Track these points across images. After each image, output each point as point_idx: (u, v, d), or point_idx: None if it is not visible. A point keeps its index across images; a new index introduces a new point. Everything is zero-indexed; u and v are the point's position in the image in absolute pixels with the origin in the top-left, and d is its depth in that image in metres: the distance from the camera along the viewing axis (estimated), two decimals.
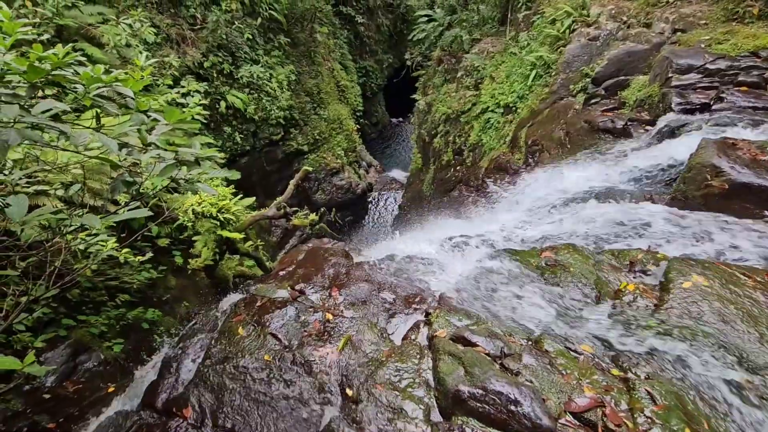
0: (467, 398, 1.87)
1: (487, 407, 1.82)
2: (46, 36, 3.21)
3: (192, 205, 8.17)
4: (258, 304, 2.74)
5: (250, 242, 9.14)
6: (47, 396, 4.20)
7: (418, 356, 2.24)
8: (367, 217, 16.03)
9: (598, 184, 5.14)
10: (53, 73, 2.39)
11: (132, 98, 3.16)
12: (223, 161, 10.30)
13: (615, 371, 2.03)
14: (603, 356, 2.13)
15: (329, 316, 2.58)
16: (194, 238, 8.23)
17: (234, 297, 3.25)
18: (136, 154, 3.24)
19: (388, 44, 21.53)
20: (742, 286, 2.26)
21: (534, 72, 7.68)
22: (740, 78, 4.90)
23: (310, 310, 2.64)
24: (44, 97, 2.39)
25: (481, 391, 1.86)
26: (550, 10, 7.60)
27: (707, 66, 5.13)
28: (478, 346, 2.16)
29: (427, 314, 2.55)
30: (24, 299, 3.34)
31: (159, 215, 7.07)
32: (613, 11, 6.77)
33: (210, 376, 2.31)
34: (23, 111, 2.26)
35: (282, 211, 8.95)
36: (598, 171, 5.39)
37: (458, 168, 9.91)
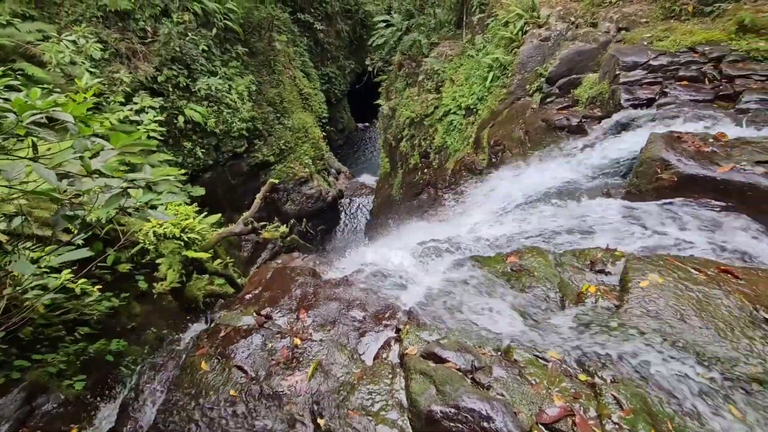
0: (440, 418, 1.84)
1: (460, 426, 1.80)
2: None
3: (153, 227, 7.80)
4: (222, 334, 2.61)
5: (218, 260, 8.84)
6: None
7: (390, 376, 2.20)
8: (339, 224, 15.90)
9: (558, 181, 5.29)
10: None
11: (72, 124, 2.95)
12: (184, 178, 9.93)
13: (582, 376, 2.07)
14: (570, 361, 2.16)
15: (297, 341, 2.49)
16: (158, 261, 7.86)
17: (197, 327, 3.09)
18: (80, 183, 3.04)
19: (349, 50, 21.52)
20: (695, 281, 2.36)
21: (491, 74, 7.85)
22: (681, 73, 5.18)
23: (278, 336, 2.54)
24: None
25: (453, 410, 1.83)
26: (503, 12, 7.80)
27: (651, 62, 5.40)
28: (448, 361, 2.14)
29: (398, 330, 2.51)
30: None
31: (117, 240, 6.71)
32: (562, 12, 7.03)
33: (171, 419, 2.17)
34: None
35: (249, 226, 8.70)
36: (557, 168, 5.56)
37: (425, 171, 9.98)
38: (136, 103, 9.40)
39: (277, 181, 10.56)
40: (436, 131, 9.71)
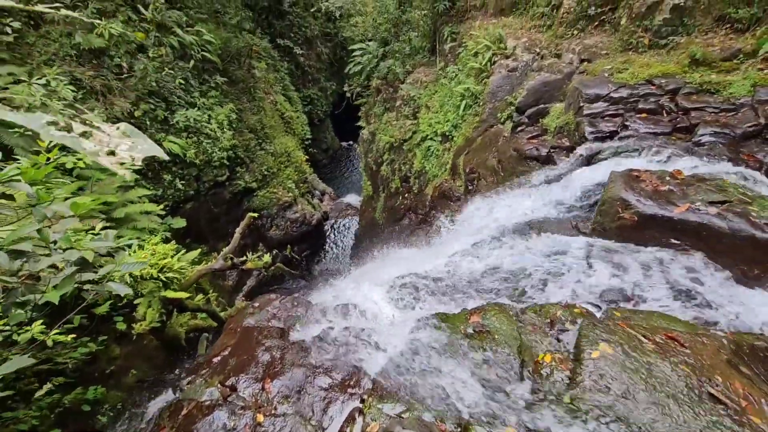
0: None
1: None
2: None
3: (127, 272, 7.67)
4: (183, 412, 2.57)
5: (200, 296, 8.74)
6: None
7: None
8: (325, 246, 15.85)
9: (529, 213, 5.40)
10: None
11: (31, 194, 2.92)
12: (163, 212, 9.83)
13: None
14: None
15: (260, 418, 2.47)
16: (136, 302, 7.74)
17: (162, 398, 3.04)
18: (35, 261, 3.00)
19: (329, 72, 21.76)
20: (643, 351, 2.41)
21: (464, 102, 8.01)
22: (640, 105, 5.36)
23: (241, 411, 2.51)
24: None
25: None
26: (472, 43, 8.01)
27: (612, 95, 5.59)
28: None
29: (362, 400, 2.51)
30: None
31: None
32: (527, 43, 7.24)
33: None
34: None
35: (229, 262, 8.63)
36: (529, 200, 5.67)
37: (406, 195, 10.07)
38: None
39: (256, 215, 10.51)
40: (415, 156, 9.84)
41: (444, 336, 2.91)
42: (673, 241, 3.59)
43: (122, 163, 2.77)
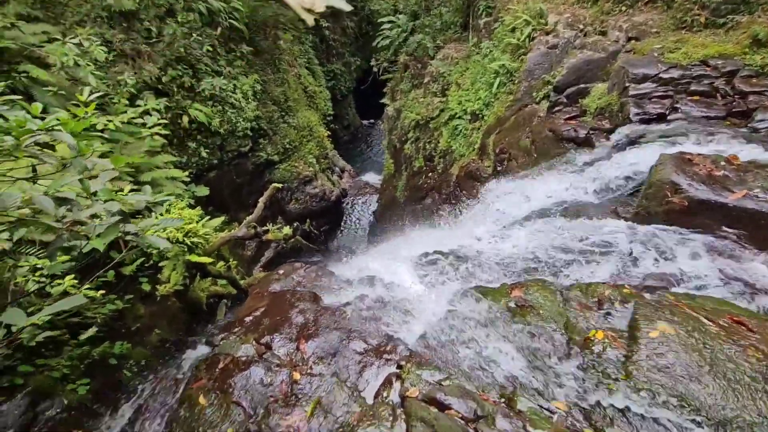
0: None
1: None
2: None
3: (156, 231, 7.81)
4: (220, 365, 2.59)
5: (221, 263, 8.87)
6: None
7: (391, 418, 2.17)
8: (342, 223, 15.89)
9: (565, 196, 5.22)
10: None
11: (73, 144, 2.90)
12: (188, 179, 9.92)
13: (588, 431, 2.03)
14: (577, 414, 2.12)
15: (297, 376, 2.47)
16: (161, 264, 7.90)
17: (195, 353, 3.08)
18: (78, 208, 3.00)
19: (355, 46, 21.34)
20: (707, 333, 2.29)
21: (498, 80, 7.72)
22: (692, 87, 5.06)
23: (277, 369, 2.52)
24: None
25: None
26: (509, 18, 7.65)
27: (661, 75, 5.28)
28: (451, 408, 2.11)
29: (399, 366, 2.48)
30: None
31: (119, 242, 6.71)
32: (570, 19, 6.88)
33: None
34: None
35: (252, 231, 8.71)
36: (564, 182, 5.47)
37: (430, 174, 9.91)
38: (140, 105, 9.38)
39: (279, 186, 10.49)
40: (441, 135, 9.62)
41: (484, 308, 2.84)
42: (726, 228, 3.40)
43: (308, 10, 2.69)
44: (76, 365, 5.56)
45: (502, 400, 2.23)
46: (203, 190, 11.71)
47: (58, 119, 2.79)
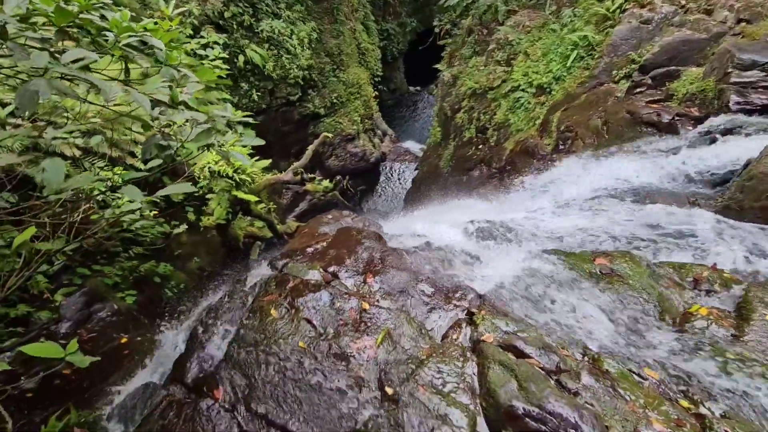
0: (522, 415, 1.78)
1: (543, 428, 1.73)
2: None
3: (208, 163, 7.99)
4: (290, 284, 2.62)
5: (262, 204, 9.05)
6: (62, 341, 4.18)
7: (462, 359, 2.15)
8: (378, 187, 15.82)
9: (636, 180, 4.91)
10: (81, 16, 2.13)
11: (162, 51, 2.87)
12: (239, 119, 10.01)
13: (684, 403, 1.93)
14: (670, 384, 2.02)
15: (366, 305, 2.47)
16: (208, 196, 8.12)
17: (260, 272, 3.14)
18: (168, 113, 3.01)
19: (412, 7, 20.46)
20: None
21: (575, 52, 7.22)
22: None
23: (345, 296, 2.53)
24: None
25: (537, 410, 1.76)
26: None
27: None
28: (531, 357, 2.06)
29: (470, 314, 2.43)
30: (45, 249, 3.23)
31: (174, 170, 6.94)
32: None
33: (242, 357, 2.24)
34: (53, 59, 2.03)
35: (299, 176, 8.76)
36: (637, 166, 5.14)
37: (480, 147, 9.59)
38: (202, 37, 9.37)
39: (330, 136, 10.42)
40: (499, 107, 9.21)
41: (564, 270, 2.74)
42: None
43: None
44: (125, 276, 5.88)
45: (586, 359, 2.15)
46: (249, 133, 11.81)
47: (145, 28, 2.75)
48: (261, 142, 3.33)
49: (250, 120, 3.35)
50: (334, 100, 14.08)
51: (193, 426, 1.95)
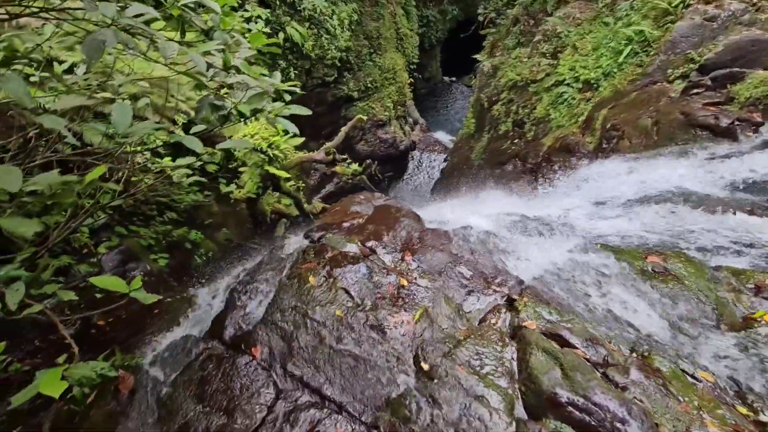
0: (565, 404, 1.73)
1: (587, 419, 1.68)
2: None
3: (244, 135, 8.11)
4: (329, 254, 2.63)
5: (292, 182, 9.14)
6: (99, 295, 4.35)
7: (500, 343, 2.10)
8: (405, 175, 15.74)
9: (688, 185, 4.67)
10: None
11: (218, 14, 2.89)
12: (274, 96, 10.09)
13: (742, 409, 1.83)
14: (727, 389, 1.92)
15: (404, 282, 2.45)
16: (241, 169, 8.26)
17: (295, 240, 3.16)
18: (221, 76, 3.03)
19: None
20: None
21: (629, 48, 6.88)
22: None
23: (383, 271, 2.51)
24: None
25: (582, 400, 1.71)
26: None
27: None
28: (576, 348, 1.99)
29: (510, 300, 2.38)
30: (90, 204, 3.34)
31: (212, 142, 7.07)
32: None
33: (279, 320, 2.26)
34: (119, 11, 2.06)
35: (330, 156, 8.77)
36: (689, 171, 4.89)
37: (516, 141, 9.35)
38: (246, 11, 9.43)
39: (364, 119, 10.36)
40: (540, 101, 8.93)
41: (613, 264, 2.64)
42: None
43: None
44: (159, 239, 6.09)
45: (634, 354, 2.08)
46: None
47: None
48: (308, 111, 3.32)
49: (297, 90, 3.35)
50: (369, 84, 13.99)
51: (231, 379, 1.99)
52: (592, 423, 1.66)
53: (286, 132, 8.67)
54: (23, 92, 1.40)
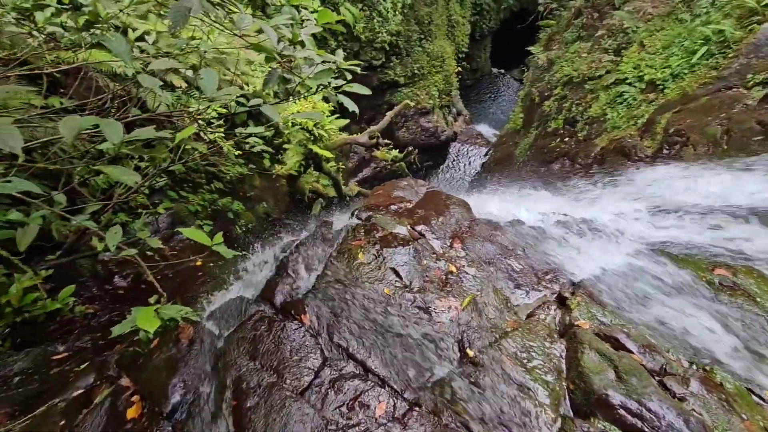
0: (617, 406, 1.69)
1: (640, 424, 1.63)
2: None
3: (292, 114, 8.27)
4: (378, 234, 2.66)
5: (332, 163, 9.25)
6: (149, 253, 4.62)
7: (549, 339, 2.07)
8: (444, 165, 15.55)
9: (755, 200, 4.33)
10: None
11: None
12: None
13: None
14: None
15: (452, 269, 2.45)
16: (285, 146, 8.44)
17: (344, 218, 3.21)
18: (289, 49, 3.08)
19: None
20: None
21: (705, 48, 6.38)
22: None
23: (432, 256, 2.52)
24: None
25: (636, 405, 1.66)
26: None
27: None
28: (632, 353, 1.93)
29: (561, 297, 2.33)
30: (152, 165, 3.53)
31: (255, 116, 7.28)
32: None
33: (328, 292, 2.33)
34: None
35: (374, 140, 8.79)
36: (756, 184, 4.53)
37: (566, 140, 8.98)
38: None
39: (411, 104, 10.27)
40: (597, 99, 8.50)
41: (675, 272, 2.53)
42: None
43: None
44: (205, 206, 6.37)
45: (695, 367, 1.99)
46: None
47: None
48: (368, 91, 3.33)
49: (358, 69, 3.37)
50: (416, 71, 13.82)
51: (281, 341, 2.08)
52: (645, 429, 1.61)
53: (332, 112, 8.76)
54: (125, 52, 1.48)
